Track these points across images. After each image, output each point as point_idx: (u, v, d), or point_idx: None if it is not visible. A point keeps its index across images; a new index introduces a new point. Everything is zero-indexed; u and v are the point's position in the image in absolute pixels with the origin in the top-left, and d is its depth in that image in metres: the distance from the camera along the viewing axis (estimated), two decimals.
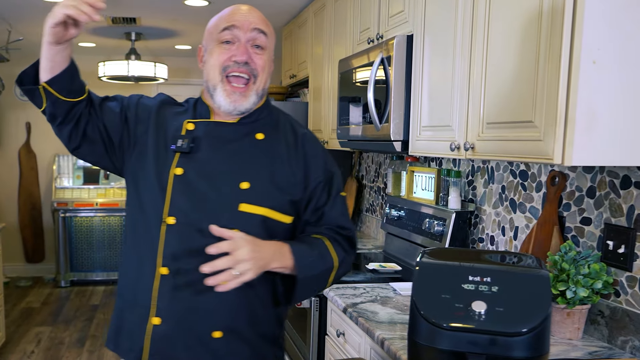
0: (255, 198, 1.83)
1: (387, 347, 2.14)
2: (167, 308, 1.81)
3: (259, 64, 1.86)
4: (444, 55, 2.53)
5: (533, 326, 1.33)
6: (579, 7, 1.74)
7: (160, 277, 1.81)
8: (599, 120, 1.78)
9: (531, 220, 2.61)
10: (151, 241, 1.83)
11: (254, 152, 1.88)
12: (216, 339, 1.83)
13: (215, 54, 1.87)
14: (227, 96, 1.84)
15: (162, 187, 1.83)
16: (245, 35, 1.84)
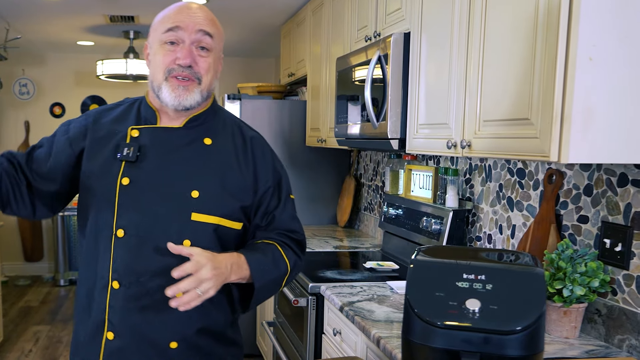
0: (207, 207, 1.81)
1: (383, 346, 2.13)
2: (120, 323, 1.78)
3: (202, 67, 1.81)
4: (441, 53, 2.52)
5: (527, 324, 1.32)
6: (575, 3, 1.73)
7: (111, 291, 1.78)
8: (595, 118, 1.77)
9: (528, 218, 2.60)
10: (102, 254, 1.79)
11: (202, 159, 1.84)
12: (173, 349, 1.81)
13: (159, 55, 1.81)
14: (172, 91, 1.79)
15: (110, 199, 1.79)
16: (190, 37, 1.78)
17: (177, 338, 1.81)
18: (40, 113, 7.93)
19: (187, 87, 1.79)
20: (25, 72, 7.75)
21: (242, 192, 1.87)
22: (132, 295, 1.77)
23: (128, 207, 1.78)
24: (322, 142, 4.33)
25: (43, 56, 7.83)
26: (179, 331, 1.81)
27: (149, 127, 1.87)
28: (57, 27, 5.99)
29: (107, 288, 1.78)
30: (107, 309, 1.78)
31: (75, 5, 5.03)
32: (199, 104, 1.85)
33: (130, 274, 1.76)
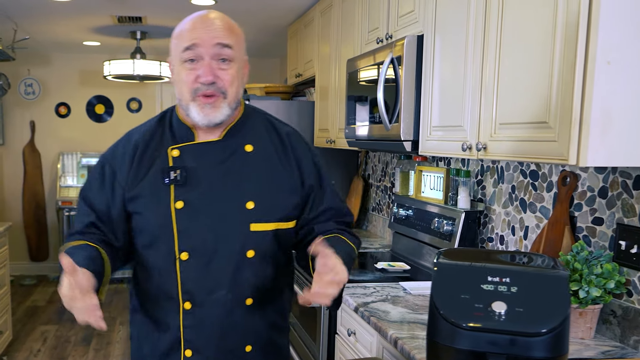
0: (263, 215, 1.84)
1: (401, 347, 2.14)
2: (197, 339, 1.84)
3: (226, 80, 1.78)
4: (456, 55, 2.54)
5: (553, 326, 1.34)
6: (595, 7, 1.75)
7: (183, 311, 1.83)
8: (613, 121, 1.79)
9: (542, 220, 2.62)
10: (166, 278, 1.83)
11: (248, 167, 1.85)
12: (248, 352, 1.90)
13: (182, 74, 1.79)
14: (200, 110, 1.77)
15: (167, 225, 1.80)
16: (208, 52, 1.75)
17: (250, 341, 1.89)
18: (46, 113, 7.95)
19: (213, 104, 1.77)
20: (31, 72, 7.77)
21: (292, 191, 1.91)
22: (205, 312, 1.83)
23: (187, 231, 1.80)
24: (331, 142, 4.35)
25: (49, 56, 7.85)
26: (252, 335, 1.89)
27: (188, 144, 1.86)
28: (64, 27, 6.01)
29: (179, 309, 1.83)
30: (181, 329, 1.84)
31: (83, 6, 5.06)
32: (229, 117, 1.83)
33: (200, 292, 1.81)
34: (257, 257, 1.84)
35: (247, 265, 1.82)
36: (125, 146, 1.90)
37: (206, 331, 1.84)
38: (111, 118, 8.12)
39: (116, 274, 6.00)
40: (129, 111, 8.14)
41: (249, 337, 1.89)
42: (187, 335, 1.84)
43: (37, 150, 7.93)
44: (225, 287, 1.81)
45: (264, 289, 1.88)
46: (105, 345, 5.51)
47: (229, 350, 1.87)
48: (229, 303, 1.82)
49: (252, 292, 1.85)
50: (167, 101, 8.20)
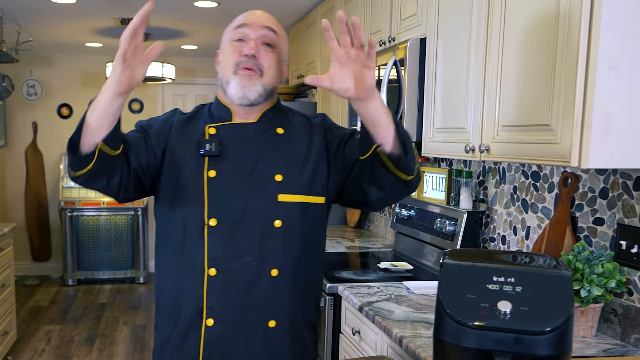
0: (291, 187, 1.91)
1: (406, 345, 2.18)
2: (219, 307, 1.87)
3: (265, 60, 1.90)
4: (458, 58, 2.58)
5: (557, 325, 1.38)
6: (596, 12, 1.79)
7: (208, 278, 1.86)
8: (615, 124, 1.83)
9: (543, 220, 2.66)
10: (193, 245, 1.88)
11: (278, 146, 1.94)
12: (271, 328, 1.91)
13: (228, 52, 1.92)
14: (239, 82, 1.88)
15: (199, 192, 1.87)
16: (255, 32, 1.90)
17: (274, 316, 1.91)
18: (48, 114, 7.99)
19: (250, 76, 1.88)
20: (33, 74, 7.82)
21: (319, 165, 1.97)
22: (230, 279, 1.86)
23: (217, 198, 1.87)
24: None
25: (51, 57, 7.89)
26: (278, 310, 1.91)
27: (224, 124, 1.96)
28: (67, 29, 6.05)
29: (204, 276, 1.87)
30: (204, 296, 1.87)
31: (87, 8, 5.09)
32: (262, 97, 1.92)
33: (226, 259, 1.86)
34: (284, 228, 1.89)
35: (274, 235, 1.88)
36: (169, 117, 2.02)
37: (230, 299, 1.87)
38: None
39: (120, 274, 6.01)
40: (131, 112, 8.18)
41: (274, 311, 1.91)
42: (210, 303, 1.87)
43: (40, 151, 7.97)
44: (251, 254, 1.86)
45: (290, 263, 1.91)
46: (109, 344, 5.55)
47: (252, 322, 1.89)
48: (254, 270, 1.86)
49: (277, 263, 1.89)
50: (168, 102, 8.25)
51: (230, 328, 1.88)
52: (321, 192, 1.97)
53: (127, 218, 7.65)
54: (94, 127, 1.64)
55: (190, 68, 8.18)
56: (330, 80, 1.61)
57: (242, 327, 1.88)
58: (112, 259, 7.69)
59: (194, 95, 8.35)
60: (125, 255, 7.74)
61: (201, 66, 8.26)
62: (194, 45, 7.08)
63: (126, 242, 7.71)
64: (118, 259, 7.71)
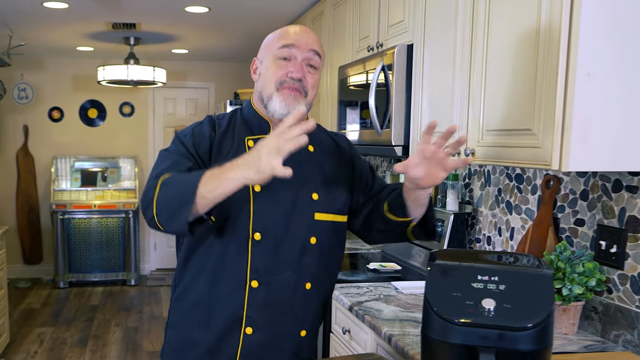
0: (325, 206, 2.01)
1: (395, 343, 2.25)
2: (259, 317, 1.96)
3: (310, 82, 1.97)
4: (444, 64, 2.65)
5: (538, 321, 1.44)
6: (575, 22, 1.86)
7: (249, 289, 1.94)
8: (593, 129, 1.90)
9: (527, 221, 2.74)
10: (236, 257, 1.93)
11: (311, 163, 2.02)
12: (303, 337, 2.04)
13: (272, 69, 1.96)
14: (283, 99, 1.93)
15: (245, 205, 1.92)
16: (302, 54, 1.95)
17: (306, 326, 2.04)
18: (39, 117, 8.01)
19: (295, 96, 1.94)
20: (24, 77, 7.84)
21: (345, 187, 2.09)
22: (272, 292, 1.96)
23: (262, 213, 1.93)
24: None
25: (42, 61, 7.91)
26: (308, 320, 2.05)
27: (264, 136, 1.94)
28: (59, 33, 6.09)
29: (245, 287, 1.94)
30: (244, 306, 1.95)
31: (79, 13, 5.14)
32: (304, 116, 1.93)
33: (269, 273, 1.94)
34: (318, 245, 1.99)
35: (309, 251, 1.98)
36: (203, 129, 2.02)
37: (269, 310, 1.96)
38: (104, 122, 8.19)
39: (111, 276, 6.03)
40: (122, 115, 8.22)
41: (305, 321, 2.04)
42: (250, 313, 1.95)
43: (31, 154, 7.99)
44: (291, 269, 1.96)
45: (320, 277, 2.03)
46: (102, 346, 5.59)
47: (287, 331, 2.00)
48: (292, 285, 1.96)
49: (311, 277, 2.00)
50: (159, 106, 8.29)
51: (267, 337, 1.98)
52: (346, 212, 2.09)
53: (118, 220, 7.68)
54: (206, 205, 1.70)
55: (181, 72, 8.22)
56: (406, 168, 1.77)
57: (278, 336, 1.99)
58: (104, 262, 7.72)
59: (185, 98, 8.39)
60: (116, 258, 7.77)
61: (192, 70, 8.30)
62: (184, 49, 7.13)
63: (117, 244, 7.74)
64: (109, 262, 7.74)
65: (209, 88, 8.40)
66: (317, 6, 4.65)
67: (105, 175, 7.86)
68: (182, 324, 2.05)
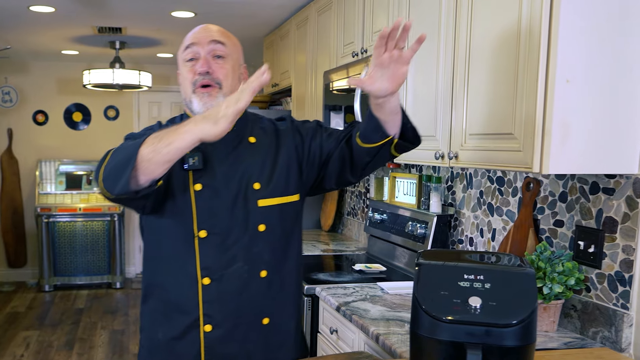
0: (268, 192, 2.01)
1: (382, 342, 2.32)
2: (216, 314, 1.97)
3: (220, 72, 1.97)
4: (428, 70, 2.72)
5: (522, 318, 1.49)
6: (554, 30, 1.95)
7: (202, 287, 1.96)
8: (572, 133, 1.98)
9: (508, 222, 2.81)
10: (185, 256, 1.96)
11: (252, 154, 2.02)
12: (265, 325, 2.03)
13: (183, 74, 2.01)
14: (200, 100, 1.95)
15: (187, 206, 1.95)
16: (205, 49, 1.97)
17: (267, 313, 2.04)
18: (23, 120, 8.00)
19: (210, 93, 1.95)
20: (8, 80, 7.83)
21: (292, 164, 2.08)
22: (224, 286, 1.97)
23: (205, 210, 1.96)
24: None
25: (26, 64, 7.90)
26: (271, 307, 2.04)
27: None
28: (44, 37, 6.10)
29: (198, 285, 1.96)
30: (200, 304, 1.96)
31: (66, 17, 5.16)
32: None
33: (219, 268, 1.96)
34: (268, 231, 2.01)
35: (260, 239, 1.99)
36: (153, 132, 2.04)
37: (225, 305, 1.97)
38: (89, 126, 8.19)
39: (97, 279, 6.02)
40: (107, 119, 8.23)
41: (266, 309, 2.03)
42: (206, 310, 1.96)
43: (15, 158, 7.97)
44: (242, 260, 1.97)
45: (276, 262, 2.04)
46: (88, 349, 5.61)
47: (247, 322, 2.00)
48: (245, 275, 1.96)
49: (265, 264, 2.01)
50: (144, 109, 8.30)
51: (228, 331, 1.98)
52: (295, 190, 2.09)
53: (103, 224, 7.69)
54: (161, 162, 1.70)
55: (166, 76, 8.23)
56: (371, 83, 1.76)
57: (239, 328, 1.99)
58: (89, 265, 7.72)
59: (169, 102, 8.41)
60: (101, 261, 7.77)
61: (176, 74, 8.29)
62: (169, 53, 7.15)
63: (103, 247, 7.74)
64: (95, 265, 7.74)
65: None
66: (301, 12, 4.71)
67: (90, 178, 7.85)
68: (149, 326, 2.10)
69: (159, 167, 1.72)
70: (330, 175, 2.11)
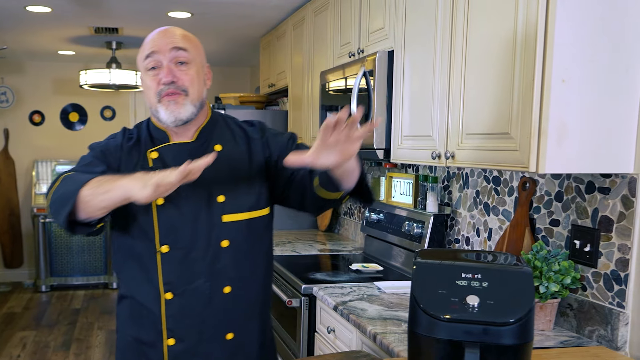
0: (234, 207, 1.98)
1: (380, 341, 2.32)
2: (178, 328, 1.97)
3: (185, 79, 1.92)
4: (424, 70, 2.73)
5: (520, 317, 1.50)
6: (550, 31, 1.96)
7: (165, 302, 1.96)
8: (568, 133, 2.00)
9: (504, 222, 2.82)
10: (149, 271, 1.96)
11: (218, 165, 1.93)
12: (229, 340, 2.02)
13: (147, 82, 1.95)
14: (166, 109, 1.91)
15: (149, 220, 1.94)
16: (166, 57, 1.91)
17: (232, 329, 2.02)
18: (20, 121, 7.99)
19: (176, 100, 1.91)
20: (5, 80, 7.82)
21: (260, 176, 2.04)
22: (187, 301, 1.96)
23: (167, 225, 1.94)
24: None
25: (23, 64, 7.89)
26: (236, 323, 2.02)
27: (164, 146, 2.00)
28: (41, 37, 6.10)
29: (161, 300, 1.96)
30: (163, 319, 1.97)
31: (62, 17, 5.16)
32: (195, 114, 1.97)
33: (181, 283, 1.94)
34: (232, 247, 1.98)
35: (223, 255, 1.96)
36: (118, 144, 2.04)
37: (188, 320, 1.96)
38: (85, 126, 8.19)
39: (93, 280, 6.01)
40: (103, 119, 8.22)
41: (230, 325, 2.01)
42: (169, 325, 1.96)
43: (11, 158, 7.96)
44: (204, 276, 1.95)
45: (241, 277, 2.00)
46: (85, 349, 5.60)
47: (210, 338, 1.99)
48: (207, 291, 1.94)
49: (229, 280, 1.98)
50: (140, 109, 8.29)
51: (191, 346, 1.98)
52: (265, 204, 2.06)
53: None
54: (97, 207, 1.73)
55: None
56: (314, 159, 1.66)
57: (202, 343, 1.99)
58: (85, 265, 7.71)
59: None
60: (98, 261, 7.76)
61: None
62: None
63: (99, 247, 7.73)
64: (91, 265, 7.72)
65: None
66: (298, 12, 4.72)
67: None
68: (122, 328, 2.11)
69: (96, 210, 1.75)
70: (293, 199, 2.07)
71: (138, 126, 2.10)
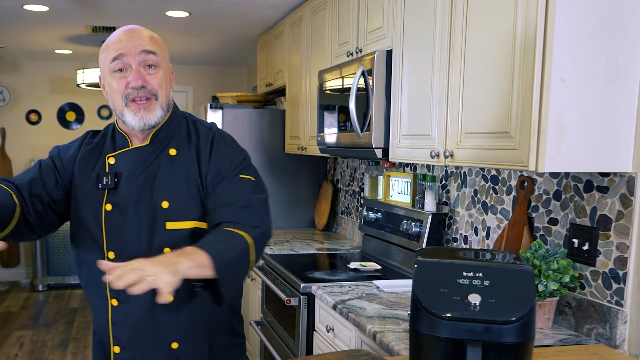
0: (179, 214, 1.93)
1: (379, 340, 2.33)
2: (123, 335, 1.97)
3: (155, 84, 1.90)
4: (423, 69, 2.74)
5: (521, 315, 1.51)
6: (549, 31, 1.96)
7: (111, 308, 1.95)
8: (567, 132, 2.01)
9: (502, 221, 2.83)
10: (98, 277, 1.87)
11: (168, 169, 1.94)
12: (175, 349, 1.99)
13: (113, 85, 1.90)
14: (135, 114, 1.88)
15: (98, 226, 1.93)
16: (135, 60, 1.87)
17: (176, 338, 1.99)
18: (16, 120, 7.99)
19: (147, 107, 1.90)
20: (1, 79, 7.81)
21: (199, 189, 1.97)
22: (130, 309, 1.95)
23: (114, 231, 1.93)
24: (302, 149, 4.52)
25: (19, 63, 7.88)
26: (180, 331, 1.99)
27: (121, 152, 1.99)
28: (38, 36, 6.09)
29: (108, 306, 1.96)
30: (109, 326, 1.97)
31: (60, 16, 5.15)
32: (163, 117, 1.96)
33: (124, 290, 1.83)
34: None
35: None
36: (77, 147, 2.05)
37: (131, 327, 1.96)
38: (82, 125, 8.17)
39: None
40: (100, 118, 8.21)
41: (174, 334, 1.98)
42: (114, 332, 1.97)
43: (8, 157, 7.95)
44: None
45: (181, 287, 1.79)
46: (83, 348, 5.60)
47: (154, 346, 1.98)
48: (149, 299, 1.83)
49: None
50: None
51: (136, 354, 1.98)
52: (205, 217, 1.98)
53: None
54: None
55: None
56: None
57: (147, 352, 1.98)
58: None
59: None
60: None
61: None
62: None
63: None
64: None
65: (187, 92, 8.41)
66: (296, 12, 4.72)
67: None
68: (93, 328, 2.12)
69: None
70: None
71: (106, 128, 2.09)
